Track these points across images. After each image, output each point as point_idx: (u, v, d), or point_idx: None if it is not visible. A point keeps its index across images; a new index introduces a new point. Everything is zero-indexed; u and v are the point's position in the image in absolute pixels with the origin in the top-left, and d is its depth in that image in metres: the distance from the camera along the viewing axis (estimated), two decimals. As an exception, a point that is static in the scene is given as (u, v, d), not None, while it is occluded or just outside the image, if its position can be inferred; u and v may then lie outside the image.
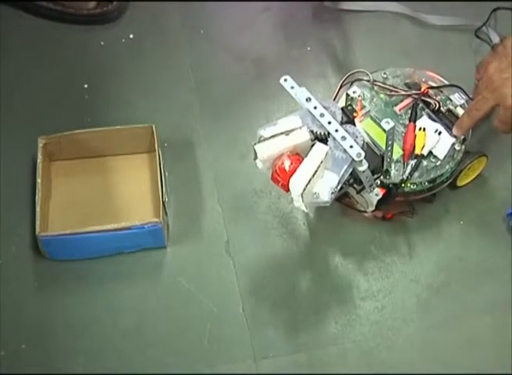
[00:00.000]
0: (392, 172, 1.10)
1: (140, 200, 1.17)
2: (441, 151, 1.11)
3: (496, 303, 1.09)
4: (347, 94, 1.09)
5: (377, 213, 1.13)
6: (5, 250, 1.14)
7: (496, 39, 1.27)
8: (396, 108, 1.15)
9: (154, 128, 1.17)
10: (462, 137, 1.12)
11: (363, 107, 1.15)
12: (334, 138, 0.98)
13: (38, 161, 1.15)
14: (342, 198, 1.13)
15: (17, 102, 1.27)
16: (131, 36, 1.34)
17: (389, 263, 1.13)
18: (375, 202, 1.08)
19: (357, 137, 0.99)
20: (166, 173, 1.18)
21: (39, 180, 1.13)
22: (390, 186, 1.09)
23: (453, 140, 1.12)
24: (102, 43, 1.34)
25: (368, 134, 1.11)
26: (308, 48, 1.33)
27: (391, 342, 1.07)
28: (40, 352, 1.07)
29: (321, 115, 1.00)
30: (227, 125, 1.23)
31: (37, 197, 1.12)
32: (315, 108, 1.00)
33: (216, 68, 1.31)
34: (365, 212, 1.11)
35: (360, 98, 1.15)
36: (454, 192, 1.17)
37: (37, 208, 1.11)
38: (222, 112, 1.25)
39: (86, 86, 1.29)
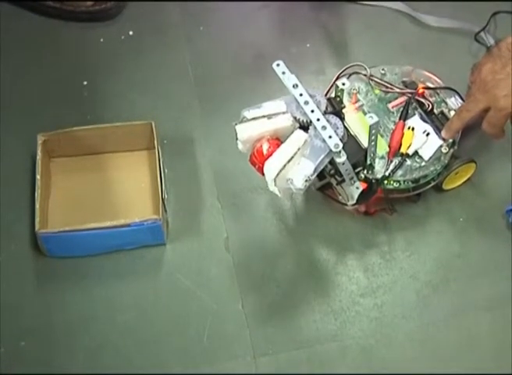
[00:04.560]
0: (376, 167, 1.10)
1: (140, 197, 1.17)
2: (427, 153, 1.11)
3: (496, 300, 1.09)
4: (336, 86, 1.09)
5: (360, 208, 1.13)
6: (5, 247, 1.14)
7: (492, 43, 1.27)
8: (390, 105, 1.15)
9: (153, 125, 1.17)
10: (450, 140, 1.11)
11: (357, 100, 1.15)
12: (315, 127, 0.99)
13: (37, 158, 1.15)
14: (325, 188, 1.13)
15: (16, 99, 1.27)
16: (130, 33, 1.34)
17: (388, 260, 1.13)
18: (355, 196, 1.07)
19: (337, 128, 0.99)
20: (166, 170, 1.18)
21: (38, 177, 1.13)
22: (373, 181, 1.09)
23: (440, 142, 1.11)
24: (102, 40, 1.34)
25: (358, 128, 1.11)
26: (308, 45, 1.33)
27: (390, 339, 1.07)
28: (40, 349, 1.07)
29: (306, 102, 1.00)
30: (226, 122, 1.22)
31: (36, 194, 1.12)
32: (301, 95, 1.01)
33: (215, 65, 1.31)
34: (346, 204, 1.11)
35: (355, 91, 1.15)
36: (453, 190, 1.17)
37: (37, 205, 1.11)
38: (221, 109, 1.25)
39: (85, 83, 1.29)
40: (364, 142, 1.06)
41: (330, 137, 0.97)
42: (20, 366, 1.06)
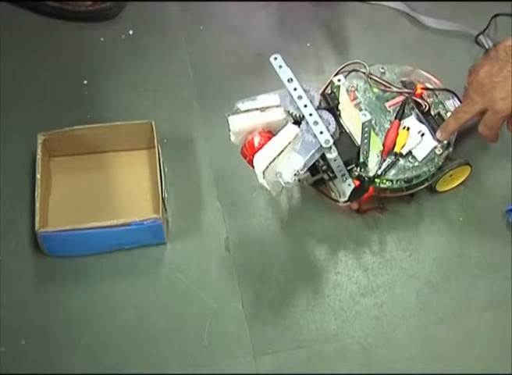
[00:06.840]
0: (369, 165, 1.09)
1: (140, 196, 1.17)
2: (420, 153, 1.11)
3: (496, 299, 1.09)
4: (332, 82, 1.09)
5: (352, 205, 1.13)
6: (5, 246, 1.14)
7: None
8: (387, 104, 1.15)
9: (153, 124, 1.17)
10: (445, 142, 1.11)
11: (355, 98, 1.15)
12: (307, 122, 0.99)
13: (38, 157, 1.15)
14: (319, 184, 1.13)
15: (16, 99, 1.27)
16: (131, 32, 1.34)
17: (388, 259, 1.13)
18: (347, 193, 1.08)
19: (329, 124, 1.00)
20: (166, 170, 1.18)
21: (38, 177, 1.13)
22: (365, 179, 1.09)
23: (434, 143, 1.11)
24: (102, 39, 1.34)
25: (354, 125, 1.10)
26: (308, 44, 1.33)
27: (390, 338, 1.07)
28: (40, 348, 1.07)
29: (299, 97, 1.01)
30: (227, 121, 1.23)
31: (36, 193, 1.12)
32: (295, 89, 1.01)
33: (215, 64, 1.31)
34: (338, 201, 1.11)
35: (353, 88, 1.15)
36: (453, 189, 1.17)
37: (37, 205, 1.11)
38: (221, 108, 1.24)
39: (85, 82, 1.29)
40: (359, 140, 1.06)
41: (321, 132, 0.98)
42: (20, 365, 1.06)
